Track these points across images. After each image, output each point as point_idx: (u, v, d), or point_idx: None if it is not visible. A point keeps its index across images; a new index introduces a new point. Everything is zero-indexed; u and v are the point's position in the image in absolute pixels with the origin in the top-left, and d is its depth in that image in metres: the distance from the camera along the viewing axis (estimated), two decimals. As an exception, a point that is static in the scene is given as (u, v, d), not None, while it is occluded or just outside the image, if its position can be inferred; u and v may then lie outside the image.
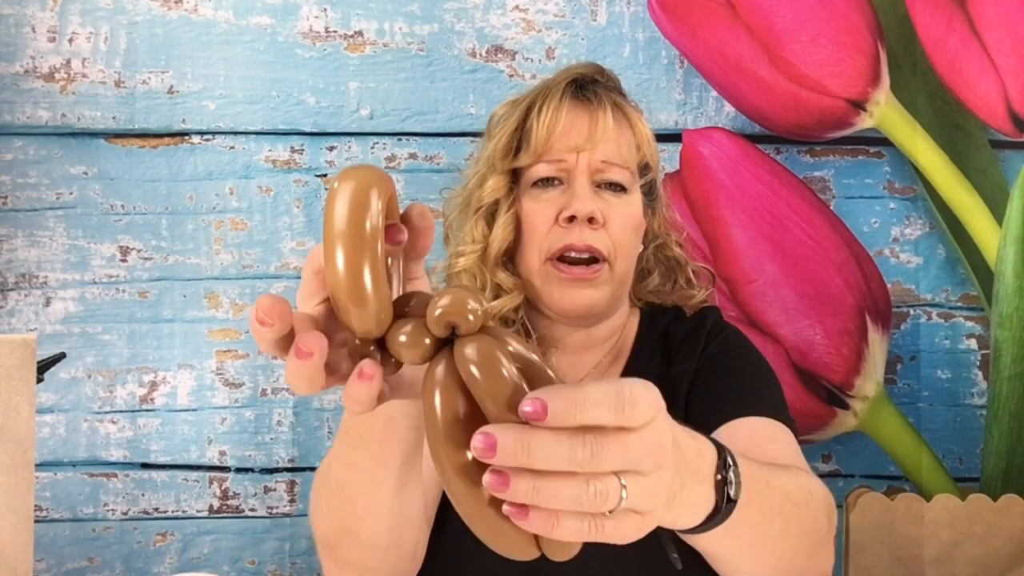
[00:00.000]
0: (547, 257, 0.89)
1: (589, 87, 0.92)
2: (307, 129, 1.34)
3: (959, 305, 1.38)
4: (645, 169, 0.95)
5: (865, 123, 1.37)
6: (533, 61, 1.36)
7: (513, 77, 1.36)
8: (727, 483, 0.53)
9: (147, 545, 1.31)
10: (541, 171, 0.89)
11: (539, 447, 0.39)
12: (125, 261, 1.32)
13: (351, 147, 1.34)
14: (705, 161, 1.36)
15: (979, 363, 1.38)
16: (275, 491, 1.32)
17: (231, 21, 1.34)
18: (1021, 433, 1.36)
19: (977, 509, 1.23)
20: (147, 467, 1.31)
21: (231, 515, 1.32)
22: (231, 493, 1.32)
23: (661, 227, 1.00)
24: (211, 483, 1.32)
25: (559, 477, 0.39)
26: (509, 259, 0.93)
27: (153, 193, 1.33)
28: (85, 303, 1.31)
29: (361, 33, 1.35)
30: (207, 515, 1.31)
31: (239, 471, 1.32)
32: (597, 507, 0.40)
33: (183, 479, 1.31)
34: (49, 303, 1.31)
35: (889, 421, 1.37)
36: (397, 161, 1.35)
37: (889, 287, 1.37)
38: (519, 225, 0.91)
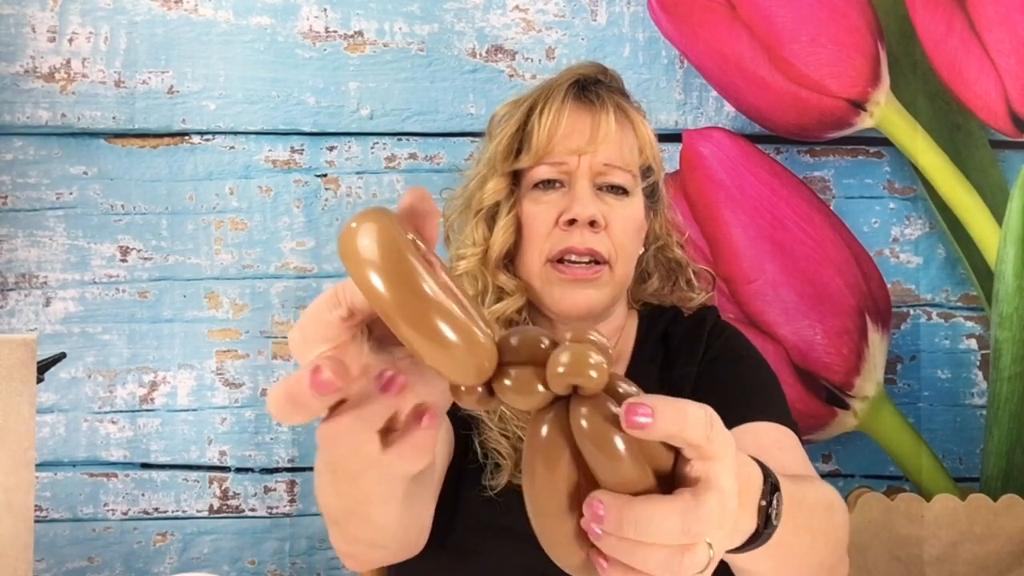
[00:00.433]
0: (547, 259, 0.88)
1: (592, 88, 0.91)
2: (307, 129, 1.34)
3: (959, 305, 1.38)
4: (647, 171, 0.94)
5: (865, 123, 1.37)
6: (533, 61, 1.36)
7: (513, 77, 1.35)
8: (770, 507, 0.53)
9: (147, 545, 1.31)
10: (542, 173, 0.89)
11: (649, 523, 0.38)
12: (125, 261, 1.32)
13: (351, 147, 1.34)
14: (705, 161, 1.36)
15: (979, 363, 1.38)
16: (275, 491, 1.32)
17: (231, 21, 1.34)
18: (1021, 433, 1.36)
19: (977, 509, 1.23)
20: (147, 467, 1.31)
21: (231, 515, 1.32)
22: (231, 493, 1.32)
23: (663, 228, 0.99)
24: (211, 483, 1.31)
25: (653, 547, 0.39)
26: (509, 261, 0.93)
27: (153, 193, 1.33)
28: (85, 303, 1.31)
29: (361, 33, 1.35)
30: (207, 515, 1.31)
31: (239, 471, 1.32)
32: (688, 574, 0.40)
33: (183, 479, 1.31)
34: (49, 303, 1.31)
35: (889, 421, 1.36)
36: (397, 161, 1.35)
37: (889, 287, 1.37)
38: (519, 227, 0.91)
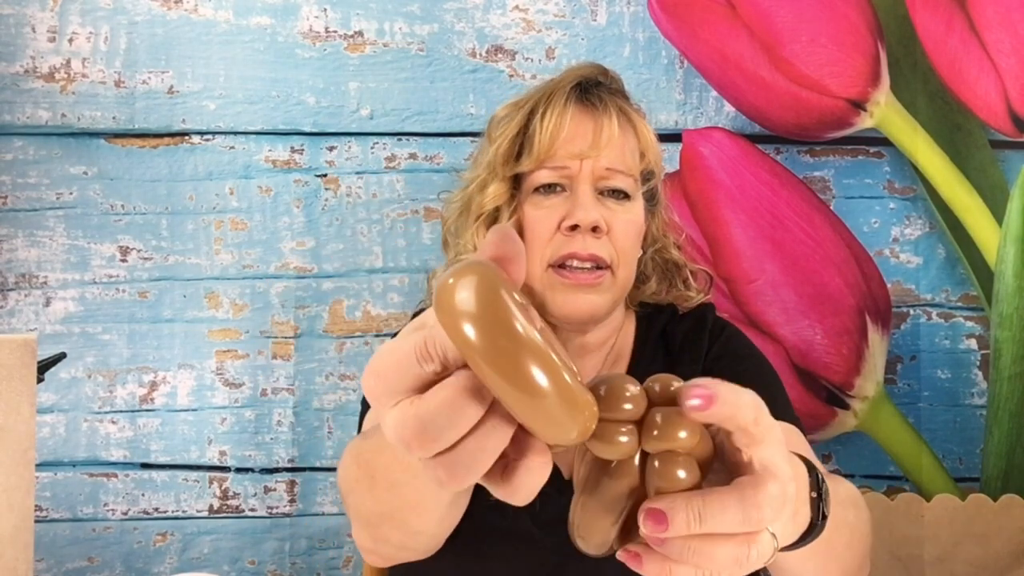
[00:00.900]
0: (549, 264, 0.87)
1: (593, 91, 0.90)
2: (307, 129, 1.34)
3: (959, 305, 1.38)
4: (648, 175, 0.93)
5: (865, 123, 1.37)
6: (533, 61, 1.36)
7: (513, 77, 1.35)
8: (821, 499, 0.53)
9: (147, 545, 1.31)
10: (543, 177, 0.88)
11: (711, 516, 0.38)
12: (125, 261, 1.32)
13: (351, 147, 1.34)
14: (705, 161, 1.36)
15: (979, 363, 1.38)
16: (275, 491, 1.32)
17: (231, 21, 1.34)
18: (1021, 433, 1.36)
19: (977, 509, 1.23)
20: (147, 467, 1.31)
21: (231, 515, 1.32)
22: (231, 493, 1.32)
23: (660, 230, 0.98)
24: (211, 483, 1.31)
25: (719, 540, 0.38)
26: None
27: (153, 193, 1.33)
28: (85, 303, 1.31)
29: (361, 33, 1.35)
30: (207, 515, 1.31)
31: (239, 471, 1.32)
32: (755, 565, 0.40)
33: (183, 479, 1.31)
34: (49, 303, 1.31)
35: (889, 421, 1.36)
36: (397, 161, 1.35)
37: (889, 287, 1.37)
38: (521, 232, 0.89)
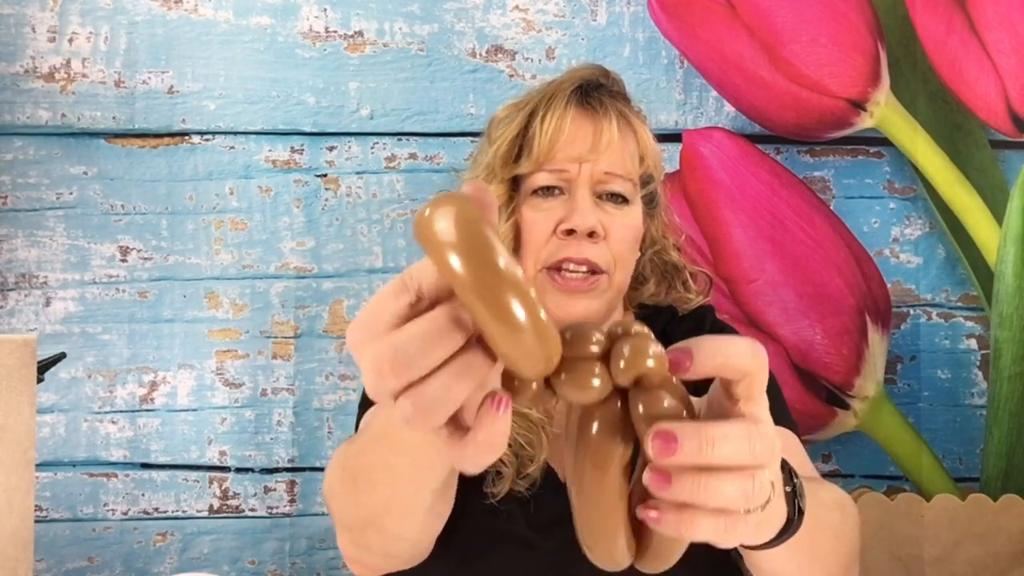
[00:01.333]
0: (543, 267, 0.87)
1: (594, 94, 0.90)
2: (307, 129, 1.34)
3: (959, 305, 1.38)
4: (647, 180, 0.93)
5: (865, 123, 1.37)
6: (533, 61, 1.36)
7: (513, 77, 1.35)
8: (796, 495, 0.53)
9: (147, 545, 1.31)
10: (541, 180, 0.87)
11: (720, 440, 0.38)
12: (125, 261, 1.32)
13: (351, 147, 1.34)
14: (705, 161, 1.36)
15: (979, 363, 1.38)
16: (275, 491, 1.32)
17: (231, 21, 1.34)
18: (1021, 433, 1.36)
19: (977, 509, 1.23)
20: (147, 467, 1.31)
21: (231, 515, 1.32)
22: (231, 493, 1.32)
23: (659, 232, 0.98)
24: (211, 483, 1.31)
25: (724, 474, 0.39)
26: None
27: (153, 193, 1.33)
28: (85, 303, 1.31)
29: (361, 33, 1.35)
30: (207, 515, 1.31)
31: (239, 471, 1.32)
32: (759, 501, 0.40)
33: (183, 479, 1.31)
34: (49, 303, 1.31)
35: (889, 421, 1.36)
36: (397, 161, 1.35)
37: (889, 287, 1.37)
38: (517, 233, 0.89)
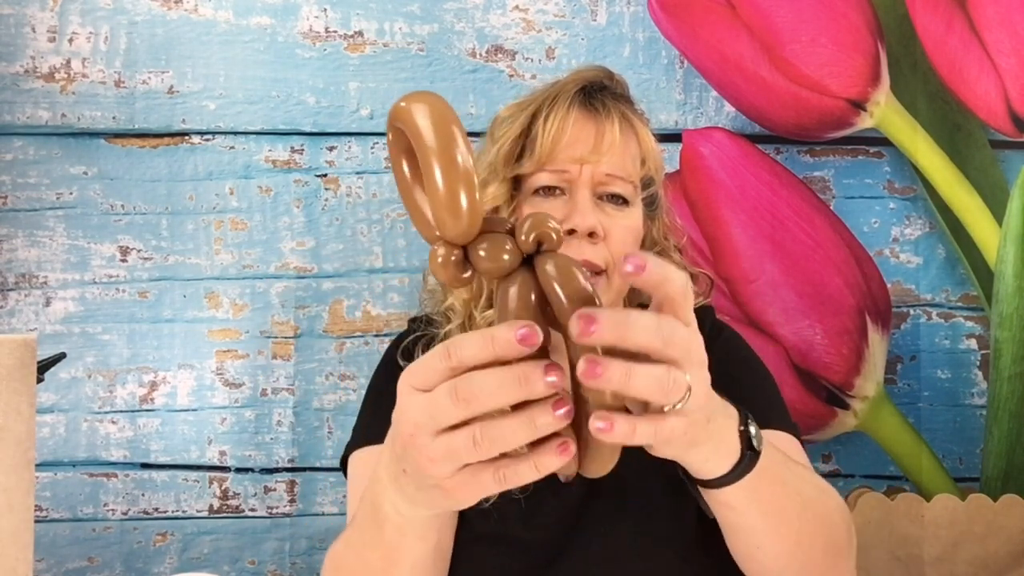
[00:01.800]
0: None
1: (597, 95, 0.90)
2: (307, 129, 1.34)
3: (959, 305, 1.38)
4: (648, 182, 0.93)
5: (865, 123, 1.37)
6: (533, 61, 1.36)
7: (513, 77, 1.35)
8: (750, 436, 0.58)
9: (147, 545, 1.31)
10: (543, 180, 0.88)
11: (635, 320, 0.45)
12: (125, 261, 1.32)
13: (351, 147, 1.34)
14: (705, 161, 1.36)
15: (979, 363, 1.38)
16: (275, 491, 1.32)
17: (231, 21, 1.34)
18: (1021, 433, 1.36)
19: (977, 509, 1.23)
20: (147, 467, 1.31)
21: (231, 515, 1.32)
22: (231, 493, 1.32)
23: (661, 234, 0.98)
24: (211, 483, 1.31)
25: (646, 365, 0.45)
26: None
27: (153, 193, 1.33)
28: (85, 303, 1.31)
29: (361, 33, 1.35)
30: (207, 515, 1.31)
31: (239, 471, 1.32)
32: (673, 394, 0.46)
33: (183, 479, 1.31)
34: (49, 303, 1.31)
35: (889, 421, 1.36)
36: (397, 161, 1.34)
37: (889, 287, 1.37)
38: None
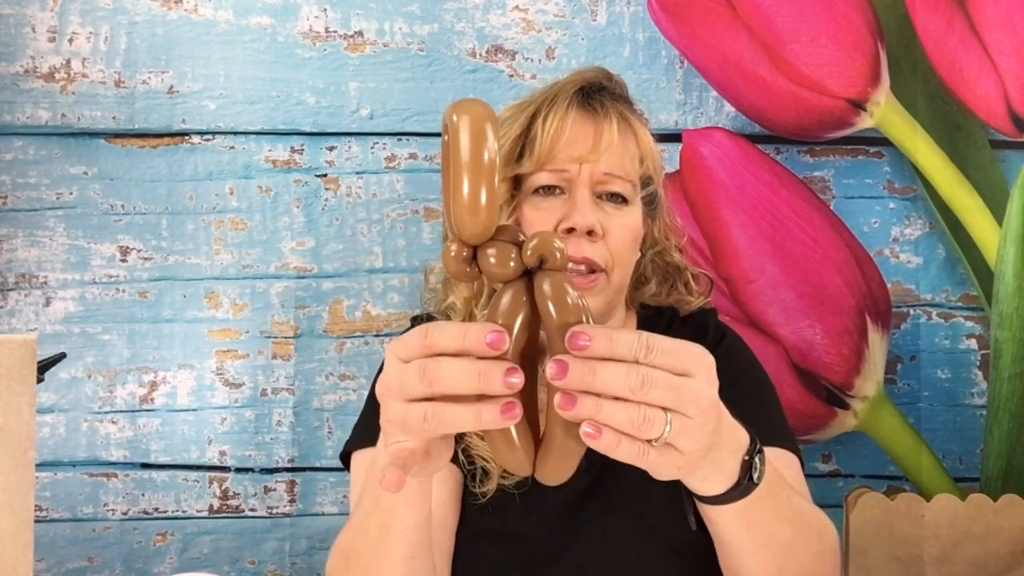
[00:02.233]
0: None
1: (596, 96, 0.91)
2: (307, 129, 1.34)
3: (959, 305, 1.38)
4: (647, 181, 0.94)
5: (865, 123, 1.37)
6: (533, 61, 1.36)
7: (513, 77, 1.35)
8: (752, 466, 0.59)
9: (147, 545, 1.31)
10: (542, 179, 0.88)
11: (602, 371, 0.47)
12: (125, 261, 1.32)
13: (351, 147, 1.34)
14: (705, 161, 1.36)
15: (979, 363, 1.38)
16: (275, 491, 1.32)
17: (231, 21, 1.34)
18: (1021, 433, 1.36)
19: (977, 509, 1.22)
20: (147, 467, 1.31)
21: (231, 515, 1.32)
22: (231, 493, 1.32)
23: (661, 233, 0.99)
24: (211, 483, 1.31)
25: (618, 402, 0.47)
26: None
27: (153, 193, 1.33)
28: (85, 303, 1.31)
29: (361, 33, 1.35)
30: (207, 515, 1.31)
31: (239, 471, 1.32)
32: (644, 431, 0.47)
33: (183, 479, 1.31)
34: (49, 303, 1.31)
35: (889, 421, 1.36)
36: (397, 161, 1.35)
37: (889, 287, 1.37)
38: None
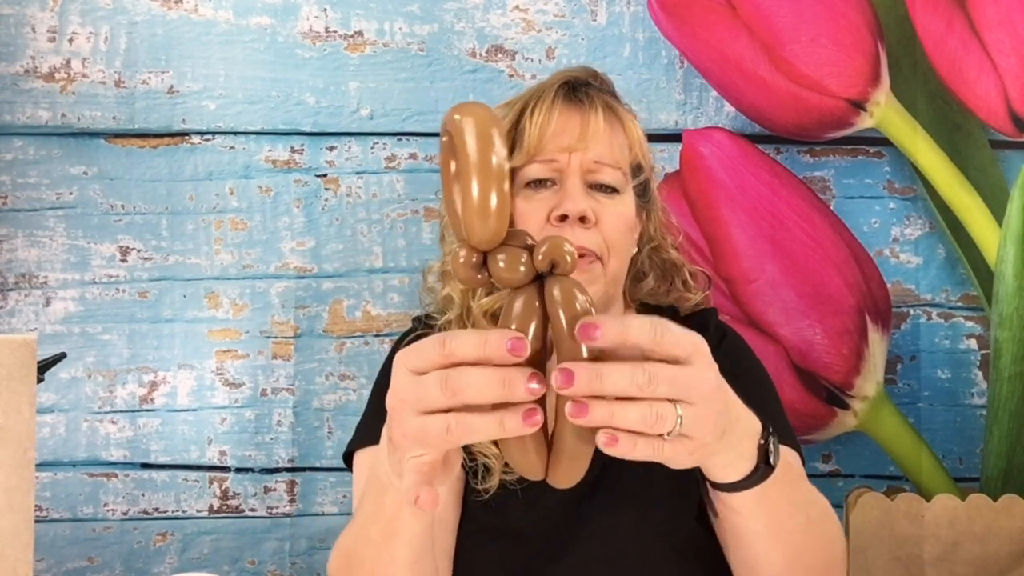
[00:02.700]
0: None
1: (582, 89, 0.93)
2: (307, 129, 1.34)
3: (959, 305, 1.38)
4: (637, 170, 0.94)
5: (865, 123, 1.37)
6: (533, 61, 1.36)
7: (513, 77, 1.35)
8: (768, 451, 0.60)
9: (147, 545, 1.31)
10: (534, 171, 0.89)
11: (608, 375, 0.47)
12: (125, 261, 1.32)
13: (351, 147, 1.34)
14: (705, 161, 1.36)
15: (979, 363, 1.38)
16: (275, 491, 1.32)
17: (231, 21, 1.34)
18: (1021, 433, 1.36)
19: (977, 509, 1.23)
20: (147, 467, 1.31)
21: (231, 515, 1.32)
22: (231, 493, 1.32)
23: (657, 230, 0.99)
24: (211, 483, 1.31)
25: (628, 403, 0.47)
26: None
27: (153, 193, 1.33)
28: (85, 303, 1.31)
29: (361, 33, 1.35)
30: (207, 515, 1.31)
31: (239, 471, 1.32)
32: (658, 427, 0.48)
33: (183, 479, 1.31)
34: (49, 303, 1.31)
35: (889, 421, 1.36)
36: (397, 161, 1.35)
37: (889, 287, 1.37)
38: (512, 225, 0.91)
